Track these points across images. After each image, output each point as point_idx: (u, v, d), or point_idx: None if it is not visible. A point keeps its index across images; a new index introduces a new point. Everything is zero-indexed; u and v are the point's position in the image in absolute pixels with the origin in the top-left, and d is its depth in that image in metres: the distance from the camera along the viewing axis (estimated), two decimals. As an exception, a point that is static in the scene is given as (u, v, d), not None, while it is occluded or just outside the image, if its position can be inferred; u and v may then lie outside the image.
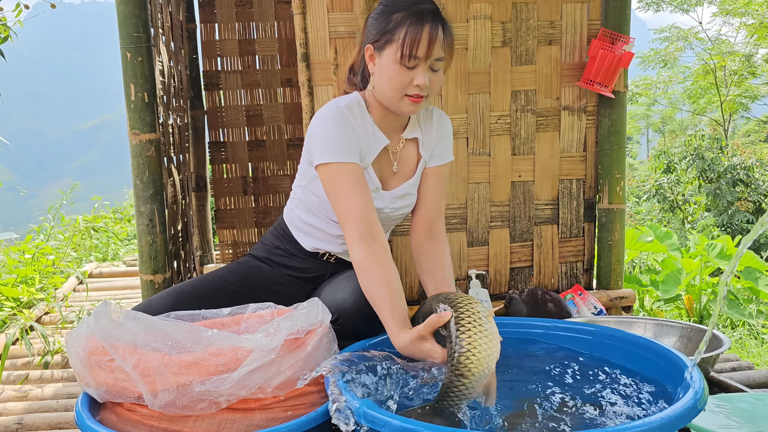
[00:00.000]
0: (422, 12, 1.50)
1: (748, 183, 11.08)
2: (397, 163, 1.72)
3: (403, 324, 1.38)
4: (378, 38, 1.54)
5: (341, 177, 1.52)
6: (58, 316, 3.22)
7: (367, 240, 1.48)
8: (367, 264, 1.45)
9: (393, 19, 1.52)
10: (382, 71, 1.55)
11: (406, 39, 1.48)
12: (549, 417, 1.21)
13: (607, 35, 2.51)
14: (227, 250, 3.90)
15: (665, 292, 4.25)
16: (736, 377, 2.06)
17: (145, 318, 1.33)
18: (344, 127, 1.56)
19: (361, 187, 1.53)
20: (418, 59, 1.50)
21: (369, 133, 1.64)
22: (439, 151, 1.74)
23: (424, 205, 1.73)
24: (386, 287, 1.43)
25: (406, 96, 1.54)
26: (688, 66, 18.18)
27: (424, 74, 1.51)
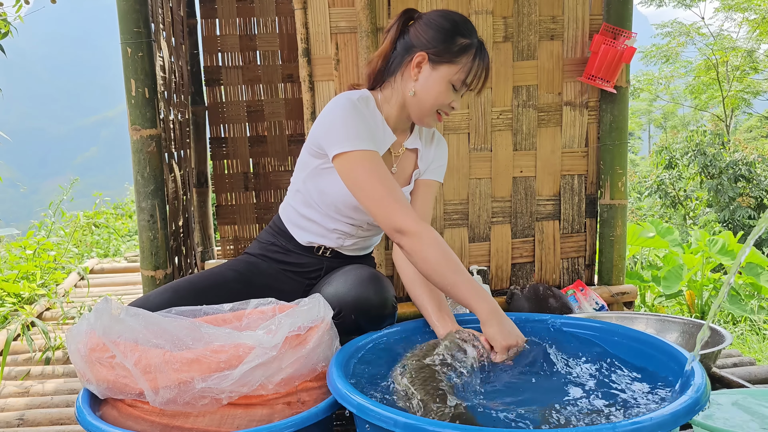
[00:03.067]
0: (482, 45, 1.59)
1: (750, 179, 11.07)
2: (397, 167, 1.74)
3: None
4: (437, 52, 1.57)
5: (368, 163, 1.49)
6: (59, 312, 3.22)
7: (423, 219, 1.56)
8: (438, 238, 1.47)
9: (459, 43, 1.56)
10: (429, 85, 1.58)
11: (471, 69, 1.57)
12: (549, 412, 1.20)
13: (609, 30, 2.50)
14: (228, 245, 3.90)
15: (667, 288, 4.25)
16: (737, 373, 2.05)
17: (146, 314, 1.33)
18: (360, 118, 1.55)
19: (391, 175, 1.53)
20: (467, 88, 1.60)
21: (379, 126, 1.65)
22: (434, 167, 1.79)
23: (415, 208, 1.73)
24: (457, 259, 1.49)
25: (438, 112, 1.63)
26: (690, 61, 18.14)
27: (460, 101, 1.65)
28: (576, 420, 1.16)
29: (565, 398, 1.26)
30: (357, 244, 1.81)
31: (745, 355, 2.42)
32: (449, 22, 1.58)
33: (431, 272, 1.47)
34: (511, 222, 2.60)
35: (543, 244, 2.64)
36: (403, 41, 1.62)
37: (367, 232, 1.79)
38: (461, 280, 1.45)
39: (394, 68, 1.64)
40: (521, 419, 1.19)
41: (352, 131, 1.51)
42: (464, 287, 1.45)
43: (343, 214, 1.70)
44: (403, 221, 1.46)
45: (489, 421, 1.18)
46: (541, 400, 1.26)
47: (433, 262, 1.45)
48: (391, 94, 1.66)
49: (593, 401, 1.25)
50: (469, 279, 1.46)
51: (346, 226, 1.74)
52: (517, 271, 2.65)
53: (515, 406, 1.24)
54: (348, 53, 2.34)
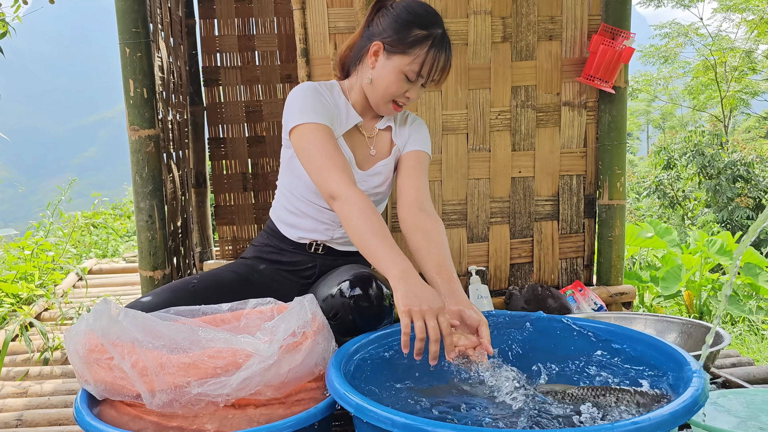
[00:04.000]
0: (442, 38, 1.58)
1: (749, 179, 11.08)
2: (374, 148, 1.76)
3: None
4: (392, 43, 1.59)
5: (314, 134, 1.55)
6: (57, 312, 3.21)
7: (355, 184, 1.50)
8: (365, 202, 1.44)
9: (413, 34, 1.57)
10: (383, 74, 1.61)
11: (425, 61, 1.56)
12: (547, 412, 1.21)
13: (608, 30, 2.50)
14: (227, 246, 3.90)
15: (665, 289, 4.25)
16: (736, 373, 2.06)
17: (144, 316, 1.32)
18: (315, 97, 1.62)
19: (338, 147, 1.56)
20: (422, 78, 1.59)
21: (341, 108, 1.69)
22: (413, 140, 1.77)
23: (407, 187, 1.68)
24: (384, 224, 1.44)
25: (393, 102, 1.64)
26: (688, 62, 18.17)
27: (417, 90, 1.62)
28: (575, 420, 1.16)
29: (564, 398, 1.26)
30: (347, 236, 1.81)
31: (743, 355, 2.42)
32: (408, 13, 1.59)
33: (352, 235, 1.44)
34: (509, 222, 2.60)
35: (541, 245, 2.64)
36: (367, 31, 1.67)
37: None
38: (377, 244, 1.38)
39: (358, 57, 1.70)
40: (518, 419, 1.19)
41: (304, 107, 1.58)
42: (379, 250, 1.38)
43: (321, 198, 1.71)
44: (335, 186, 1.48)
45: (483, 420, 1.18)
46: (540, 400, 1.26)
47: (353, 225, 1.43)
48: (355, 81, 1.72)
49: (592, 401, 1.24)
50: (386, 243, 1.38)
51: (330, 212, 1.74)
52: (515, 271, 2.65)
53: (512, 406, 1.24)
54: (347, 53, 2.34)
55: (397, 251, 1.38)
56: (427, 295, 1.28)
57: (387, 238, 1.41)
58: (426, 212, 1.63)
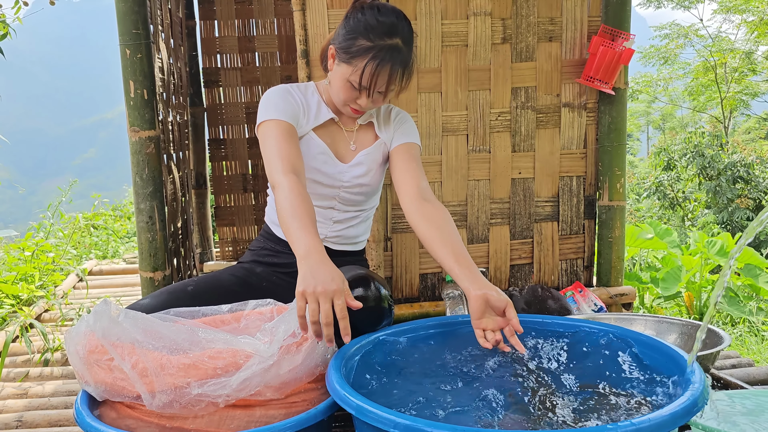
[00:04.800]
0: (388, 50, 1.54)
1: (749, 180, 11.08)
2: (354, 143, 1.77)
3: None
4: (340, 51, 1.60)
5: (272, 130, 1.59)
6: (58, 313, 3.22)
7: (297, 175, 1.50)
8: (296, 186, 1.45)
9: (357, 44, 1.55)
10: (334, 78, 1.63)
11: (364, 71, 1.54)
12: (548, 412, 1.21)
13: (608, 32, 2.51)
14: (227, 247, 3.90)
15: (665, 290, 4.25)
16: (736, 374, 2.06)
17: (144, 317, 1.33)
18: (281, 96, 1.66)
19: (292, 141, 1.59)
20: (366, 90, 1.58)
21: (312, 105, 1.72)
22: (400, 132, 1.76)
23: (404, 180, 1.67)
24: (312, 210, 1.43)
25: (349, 106, 1.65)
26: (688, 63, 18.17)
27: (368, 99, 1.60)
28: (575, 421, 1.16)
29: (563, 399, 1.26)
30: (340, 234, 1.81)
31: (743, 356, 2.42)
32: (360, 23, 1.58)
33: (278, 217, 1.44)
34: (509, 223, 2.60)
35: (542, 246, 2.64)
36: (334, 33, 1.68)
37: (344, 213, 1.78)
38: (293, 224, 1.38)
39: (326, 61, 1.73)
40: (518, 420, 1.19)
41: (268, 106, 1.63)
42: (292, 230, 1.37)
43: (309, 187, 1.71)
44: (274, 174, 1.51)
45: (484, 420, 1.19)
46: (539, 401, 1.26)
47: (279, 207, 1.44)
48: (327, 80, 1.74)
49: (593, 402, 1.25)
50: (301, 223, 1.37)
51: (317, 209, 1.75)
52: (515, 272, 2.65)
53: (513, 406, 1.24)
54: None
55: (308, 231, 1.36)
56: (324, 276, 1.26)
57: (303, 218, 1.39)
58: (428, 201, 1.62)
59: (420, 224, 1.57)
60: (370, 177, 1.77)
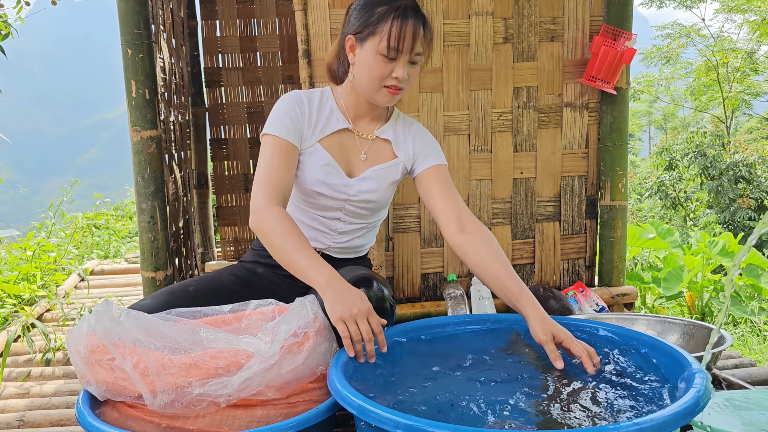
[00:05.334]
0: (405, 7, 1.55)
1: (750, 180, 11.07)
2: (366, 154, 1.74)
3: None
4: (360, 30, 1.59)
5: (270, 147, 1.60)
6: (59, 313, 3.22)
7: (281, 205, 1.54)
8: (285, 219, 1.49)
9: (376, 13, 1.56)
10: (363, 62, 1.59)
11: (391, 32, 1.53)
12: (550, 413, 1.20)
13: (609, 31, 2.50)
14: (228, 247, 3.90)
15: (667, 290, 4.24)
16: (738, 374, 2.06)
17: (145, 317, 1.33)
18: (290, 108, 1.64)
19: (287, 164, 1.59)
20: (400, 52, 1.55)
21: (323, 114, 1.70)
22: (426, 154, 1.74)
23: (440, 209, 1.68)
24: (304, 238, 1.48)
25: (385, 87, 1.60)
26: (690, 63, 18.15)
27: (404, 67, 1.57)
28: (578, 421, 1.16)
29: (565, 399, 1.26)
30: (344, 244, 1.80)
31: (745, 356, 2.42)
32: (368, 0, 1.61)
33: (272, 250, 1.48)
34: (511, 223, 2.60)
35: (543, 246, 2.63)
36: (342, 33, 1.68)
37: (350, 224, 1.77)
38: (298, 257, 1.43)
39: (341, 60, 1.71)
40: (521, 420, 1.19)
41: (275, 118, 1.63)
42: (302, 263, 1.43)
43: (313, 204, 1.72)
44: (256, 199, 1.54)
45: (487, 421, 1.18)
46: (542, 401, 1.26)
47: (272, 240, 1.47)
48: (345, 85, 1.72)
49: (593, 402, 1.24)
50: (307, 254, 1.43)
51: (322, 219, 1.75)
52: (517, 272, 2.63)
53: (515, 407, 1.24)
54: (348, 54, 2.34)
55: (317, 260, 1.43)
56: (354, 299, 1.37)
57: (306, 248, 1.45)
58: (467, 231, 1.63)
59: (465, 258, 1.61)
60: (378, 194, 1.74)
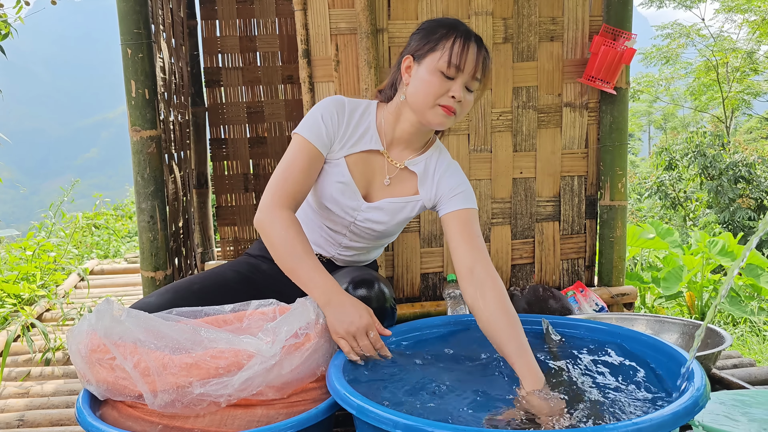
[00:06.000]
0: (469, 32, 1.55)
1: (750, 180, 11.07)
2: (391, 179, 1.67)
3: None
4: (419, 48, 1.55)
5: (296, 149, 1.57)
6: (59, 313, 3.22)
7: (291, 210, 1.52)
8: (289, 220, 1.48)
9: (438, 32, 1.54)
10: (419, 79, 1.53)
11: (453, 48, 1.50)
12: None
13: (609, 31, 2.50)
14: (228, 246, 3.90)
15: (666, 289, 4.25)
16: (737, 374, 2.06)
17: (146, 317, 1.33)
18: (329, 114, 1.60)
19: (309, 171, 1.57)
20: (460, 72, 1.51)
21: (359, 129, 1.63)
22: (451, 195, 1.63)
23: (456, 257, 1.55)
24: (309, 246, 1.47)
25: (439, 105, 1.52)
26: (690, 63, 18.14)
27: (461, 88, 1.51)
28: (577, 421, 1.16)
29: (566, 399, 1.26)
30: (347, 258, 1.79)
31: (745, 356, 2.42)
32: (431, 22, 1.60)
33: (273, 254, 1.48)
34: (511, 223, 2.60)
35: (543, 245, 2.64)
36: (398, 59, 1.64)
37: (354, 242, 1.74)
38: (299, 266, 1.44)
39: (394, 83, 1.66)
40: (521, 419, 1.19)
41: (310, 119, 1.59)
42: (302, 273, 1.43)
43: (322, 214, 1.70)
44: (266, 199, 1.52)
45: (487, 419, 1.19)
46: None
47: (275, 244, 1.47)
48: (391, 105, 1.65)
49: (594, 402, 1.25)
50: (310, 265, 1.43)
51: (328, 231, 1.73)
52: (517, 272, 2.65)
53: (513, 407, 1.24)
54: (348, 54, 2.35)
55: (319, 272, 1.43)
56: (353, 316, 1.38)
57: (309, 258, 1.45)
58: (480, 287, 1.47)
59: (476, 314, 1.47)
60: (385, 226, 1.69)
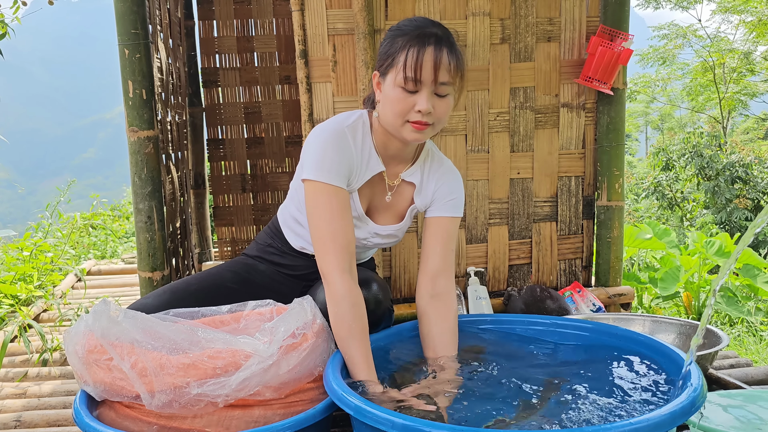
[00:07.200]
0: (426, 35, 1.45)
1: (747, 180, 11.09)
2: (392, 196, 1.67)
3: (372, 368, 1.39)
4: (382, 63, 1.50)
5: (326, 198, 1.48)
6: (56, 313, 3.21)
7: (350, 272, 1.45)
8: (350, 295, 1.42)
9: (396, 43, 1.47)
10: (386, 96, 1.49)
11: (407, 61, 1.42)
12: (546, 413, 1.21)
13: (606, 32, 2.51)
14: (225, 247, 3.90)
15: (664, 290, 4.25)
16: (734, 374, 2.06)
17: (144, 317, 1.33)
18: (341, 149, 1.51)
19: (347, 216, 1.49)
20: (420, 83, 1.44)
21: (365, 157, 1.58)
22: (443, 202, 1.65)
23: (426, 258, 1.62)
24: (364, 325, 1.42)
25: (408, 122, 1.48)
26: (687, 63, 18.18)
27: (427, 100, 1.44)
28: (574, 421, 1.16)
29: (563, 399, 1.26)
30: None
31: (741, 356, 2.43)
32: (393, 31, 1.52)
33: (336, 327, 1.43)
34: (508, 223, 2.61)
35: (540, 246, 2.64)
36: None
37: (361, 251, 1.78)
38: (350, 346, 1.39)
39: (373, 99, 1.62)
40: (517, 419, 1.19)
41: (325, 162, 1.49)
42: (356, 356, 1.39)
43: None
44: (330, 269, 1.44)
45: (485, 421, 1.19)
46: (539, 400, 1.26)
47: (334, 317, 1.42)
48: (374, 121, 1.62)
49: (591, 402, 1.25)
50: (358, 349, 1.39)
51: None
52: (514, 272, 2.65)
53: (511, 406, 1.24)
54: (345, 55, 2.35)
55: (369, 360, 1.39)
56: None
57: (364, 341, 1.41)
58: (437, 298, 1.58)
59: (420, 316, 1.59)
60: (394, 241, 1.74)
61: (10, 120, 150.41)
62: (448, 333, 1.56)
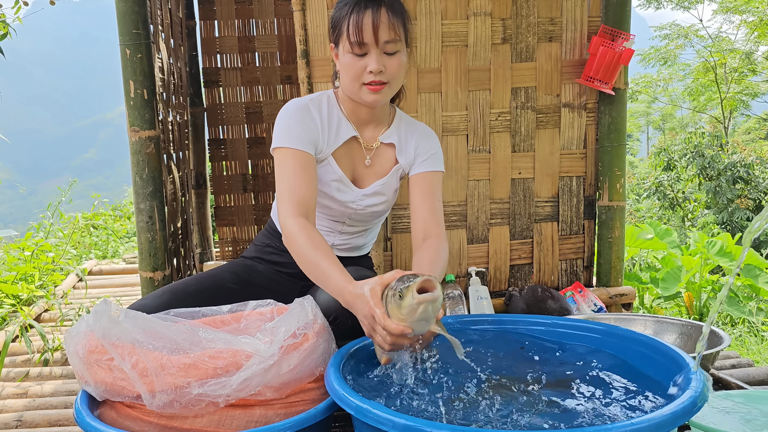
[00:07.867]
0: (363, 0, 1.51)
1: (748, 180, 11.09)
2: (371, 159, 1.73)
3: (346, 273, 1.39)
4: (332, 34, 1.58)
5: (289, 161, 1.56)
6: (57, 313, 3.22)
7: (305, 217, 1.50)
8: (305, 230, 1.46)
9: (341, 11, 1.54)
10: (341, 65, 1.57)
11: (349, 27, 1.50)
12: (546, 413, 1.21)
13: (608, 32, 2.51)
14: (227, 247, 3.90)
15: (665, 290, 4.25)
16: (736, 374, 2.06)
17: (144, 317, 1.33)
18: (301, 118, 1.61)
19: (308, 175, 1.56)
20: (366, 45, 1.51)
21: (333, 123, 1.67)
22: (423, 159, 1.71)
23: (415, 215, 1.68)
24: (326, 248, 1.44)
25: (364, 85, 1.55)
26: (688, 63, 18.17)
27: (377, 60, 1.52)
28: (574, 421, 1.16)
29: (563, 399, 1.26)
30: (347, 243, 1.81)
31: (743, 356, 2.42)
32: (339, 0, 1.58)
33: (298, 264, 1.48)
34: (509, 223, 2.60)
35: (541, 246, 2.64)
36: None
37: (353, 227, 1.79)
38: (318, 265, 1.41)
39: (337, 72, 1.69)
40: (519, 419, 1.19)
41: (287, 129, 1.59)
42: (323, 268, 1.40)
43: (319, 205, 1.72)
44: (282, 216, 1.51)
45: (485, 421, 1.19)
46: (540, 401, 1.26)
47: (296, 255, 1.47)
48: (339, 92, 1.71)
49: (592, 402, 1.25)
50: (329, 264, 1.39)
51: (326, 221, 1.75)
52: (515, 272, 2.65)
53: (513, 407, 1.24)
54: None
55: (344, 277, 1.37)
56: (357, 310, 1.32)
57: (331, 257, 1.42)
58: (428, 242, 1.62)
59: (414, 256, 1.63)
60: (385, 205, 1.76)
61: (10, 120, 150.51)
62: (438, 261, 1.57)
